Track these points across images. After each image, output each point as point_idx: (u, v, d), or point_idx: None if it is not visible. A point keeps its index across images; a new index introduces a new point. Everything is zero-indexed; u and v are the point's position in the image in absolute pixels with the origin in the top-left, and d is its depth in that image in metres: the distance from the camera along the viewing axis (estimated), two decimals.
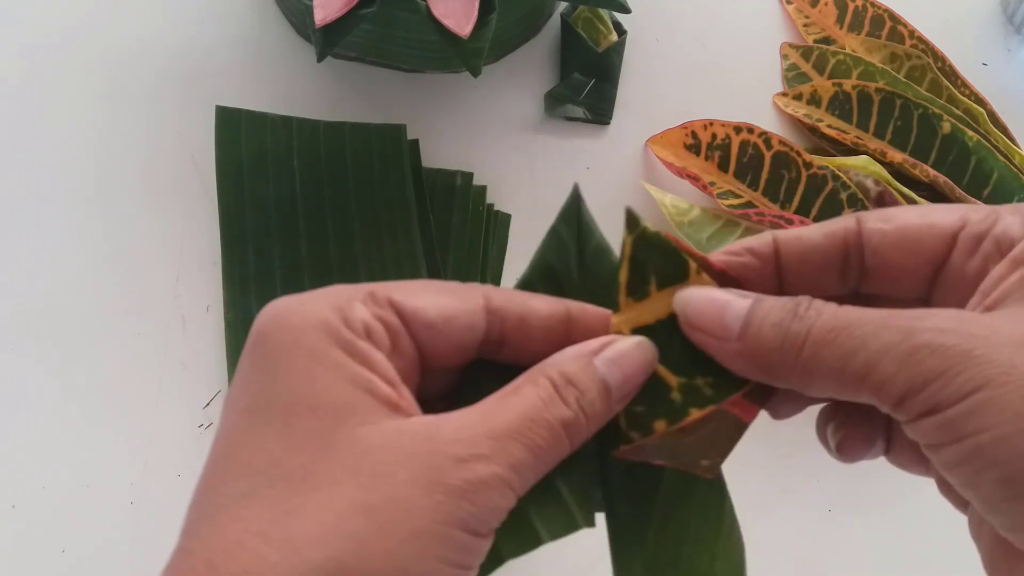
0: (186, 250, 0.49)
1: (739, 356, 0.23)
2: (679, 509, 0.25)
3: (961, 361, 0.20)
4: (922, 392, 0.20)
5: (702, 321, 0.23)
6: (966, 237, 0.23)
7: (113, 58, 0.54)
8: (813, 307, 0.22)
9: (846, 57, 0.56)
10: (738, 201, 0.51)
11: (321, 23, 0.44)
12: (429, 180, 0.51)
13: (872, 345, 0.21)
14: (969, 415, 0.20)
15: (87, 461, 0.44)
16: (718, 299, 0.23)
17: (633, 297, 0.24)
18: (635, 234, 0.24)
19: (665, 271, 0.24)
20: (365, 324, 0.22)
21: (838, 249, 0.24)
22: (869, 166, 0.50)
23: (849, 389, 0.21)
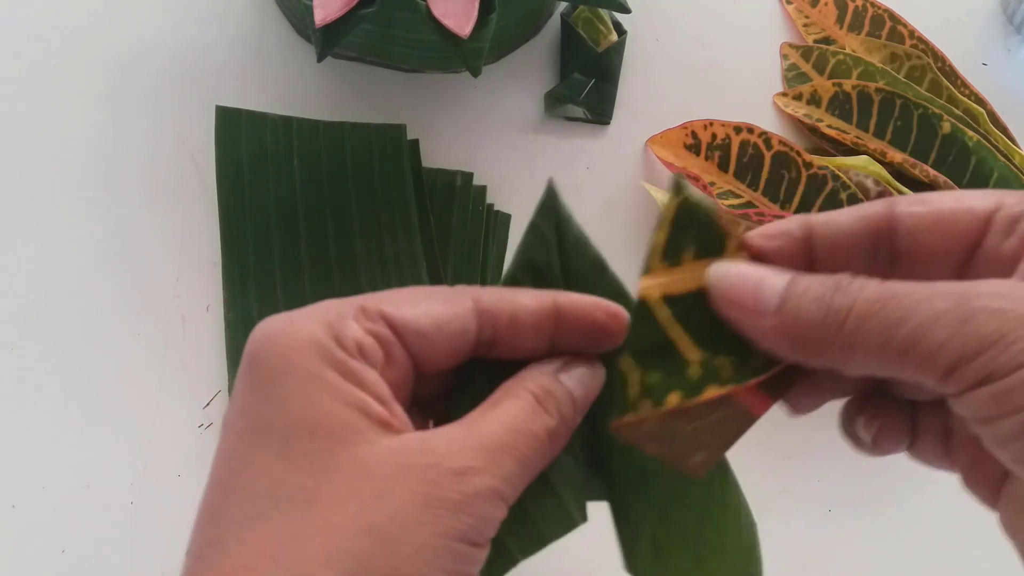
0: (186, 250, 0.49)
1: (775, 332, 0.22)
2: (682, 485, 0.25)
3: (1020, 326, 0.19)
4: (976, 360, 0.19)
5: (737, 295, 0.23)
6: (1002, 219, 0.22)
7: (113, 58, 0.54)
8: (857, 281, 0.21)
9: (846, 57, 0.56)
10: (738, 201, 0.51)
11: (321, 23, 0.44)
12: (429, 180, 0.51)
13: (921, 313, 0.20)
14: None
15: (87, 461, 0.44)
16: (754, 274, 0.23)
17: (667, 262, 0.24)
18: (680, 198, 0.24)
19: (703, 242, 0.24)
20: (357, 341, 0.22)
21: (870, 233, 0.24)
22: (869, 166, 0.50)
23: (894, 362, 0.20)
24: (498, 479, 0.21)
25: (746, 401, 0.23)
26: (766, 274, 0.23)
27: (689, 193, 0.24)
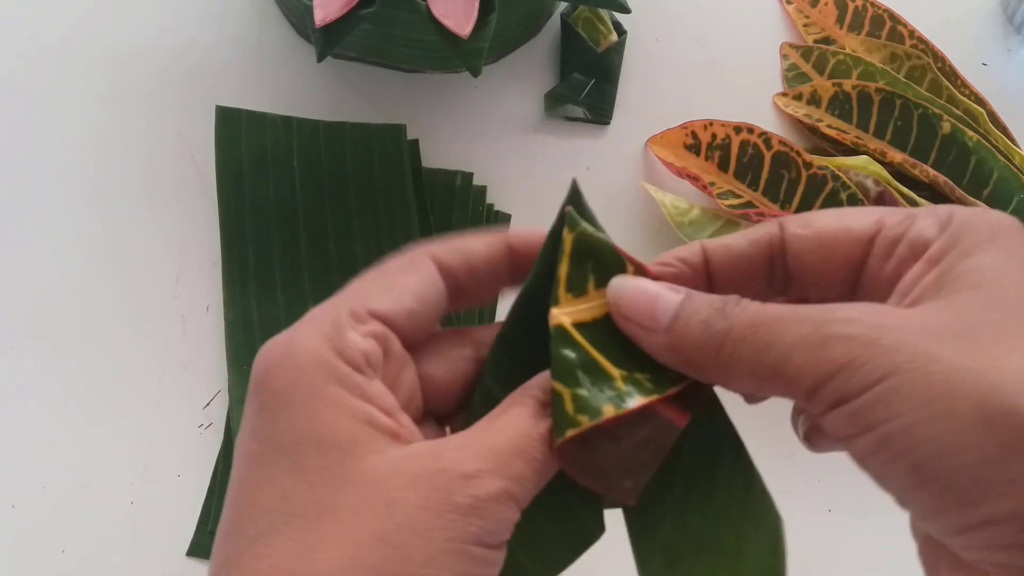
0: (186, 250, 0.49)
1: (666, 349, 0.23)
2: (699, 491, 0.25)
3: (868, 350, 0.20)
4: (830, 383, 0.20)
5: (633, 312, 0.24)
6: (882, 241, 0.23)
7: (113, 58, 0.54)
8: (739, 305, 0.22)
9: (846, 57, 0.56)
10: (738, 201, 0.51)
11: (321, 23, 0.44)
12: (429, 180, 0.51)
13: (786, 339, 0.21)
14: (876, 404, 0.19)
15: (87, 461, 0.44)
16: (650, 291, 0.24)
17: (572, 293, 0.24)
18: (575, 232, 0.24)
19: (604, 270, 0.25)
20: (361, 351, 0.22)
21: (764, 255, 0.24)
22: (869, 166, 0.50)
23: (765, 383, 0.21)
24: (508, 480, 0.21)
25: (668, 413, 0.24)
26: (662, 291, 0.23)
27: (583, 226, 0.24)
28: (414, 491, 0.20)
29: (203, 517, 0.43)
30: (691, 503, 0.25)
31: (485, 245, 0.25)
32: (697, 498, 0.25)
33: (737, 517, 0.25)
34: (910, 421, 0.19)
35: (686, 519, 0.25)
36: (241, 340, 0.46)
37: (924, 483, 0.19)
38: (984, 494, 0.19)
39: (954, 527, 0.20)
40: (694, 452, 0.25)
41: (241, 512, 0.21)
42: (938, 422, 0.19)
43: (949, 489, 0.19)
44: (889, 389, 0.19)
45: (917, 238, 0.22)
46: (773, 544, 0.25)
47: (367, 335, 0.23)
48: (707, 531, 0.24)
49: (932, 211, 0.23)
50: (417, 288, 0.24)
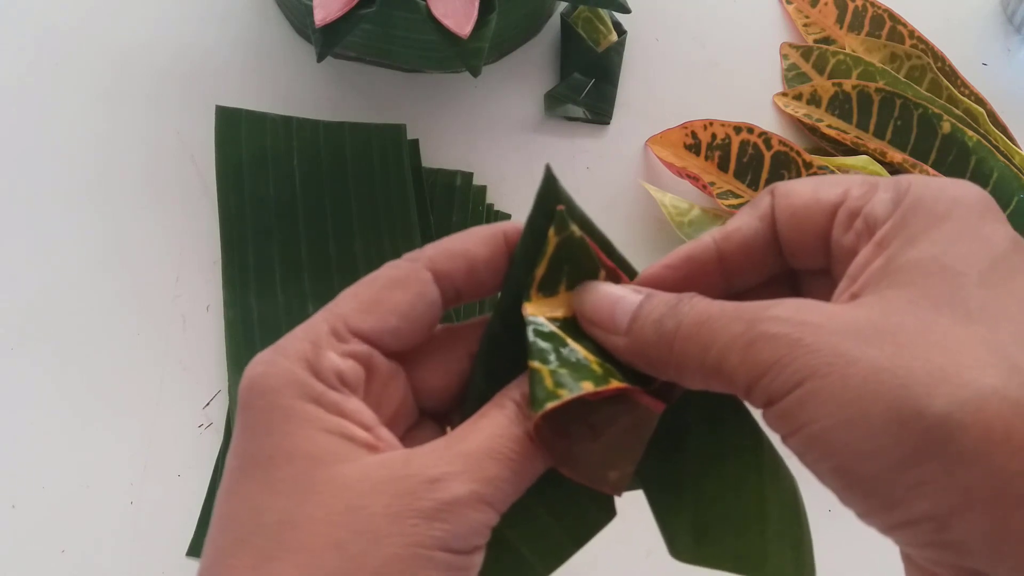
0: (186, 250, 0.49)
1: (627, 350, 0.23)
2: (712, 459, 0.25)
3: (791, 351, 0.20)
4: (759, 383, 0.20)
5: (595, 316, 0.24)
6: (843, 212, 0.23)
7: (113, 58, 0.55)
8: (689, 303, 0.22)
9: (846, 57, 0.56)
10: (738, 201, 0.51)
11: (321, 23, 0.44)
12: (429, 180, 0.51)
13: (722, 338, 0.21)
14: (799, 406, 0.20)
15: (87, 461, 0.44)
16: (612, 295, 0.24)
17: (543, 293, 0.25)
18: (562, 236, 0.25)
19: (576, 275, 0.25)
20: (336, 371, 0.22)
21: (771, 229, 0.24)
22: (869, 166, 0.50)
23: (712, 381, 0.22)
24: (479, 483, 0.21)
25: (644, 401, 0.24)
26: (623, 294, 0.24)
27: (571, 230, 0.25)
28: (377, 497, 0.20)
29: (203, 517, 0.43)
30: (707, 473, 0.25)
31: (484, 246, 0.25)
32: (712, 468, 0.25)
33: (755, 481, 0.24)
34: (829, 425, 0.19)
35: (705, 490, 0.24)
36: (241, 340, 0.46)
37: (848, 485, 0.20)
38: (901, 496, 0.19)
39: (883, 526, 0.20)
40: (699, 421, 0.25)
41: (219, 524, 0.21)
42: (854, 426, 0.19)
43: (871, 492, 0.19)
44: (809, 392, 0.19)
45: (872, 213, 0.22)
46: (793, 504, 0.24)
47: (346, 355, 0.23)
48: (728, 499, 0.24)
49: (892, 183, 0.22)
50: (404, 305, 0.24)
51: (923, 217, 0.21)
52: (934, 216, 0.21)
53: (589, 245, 0.25)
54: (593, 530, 0.25)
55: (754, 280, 0.25)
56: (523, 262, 0.25)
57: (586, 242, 0.25)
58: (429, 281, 0.24)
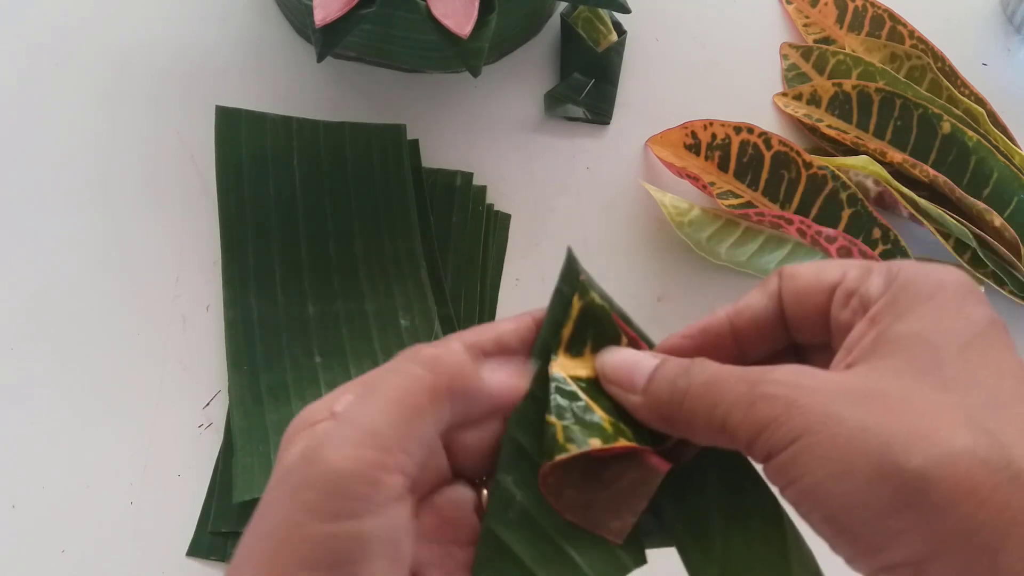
0: (186, 250, 0.49)
1: (643, 407, 0.26)
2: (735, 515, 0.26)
3: (787, 410, 0.22)
4: (759, 438, 0.22)
5: (616, 376, 0.27)
6: (841, 291, 0.25)
7: (113, 58, 0.55)
8: (700, 366, 0.25)
9: (846, 57, 0.56)
10: (738, 201, 0.51)
11: (321, 23, 0.44)
12: (429, 180, 0.51)
13: (728, 397, 0.23)
14: (793, 461, 0.22)
15: (87, 461, 0.44)
16: (631, 358, 0.27)
17: (571, 353, 0.28)
18: (584, 301, 0.28)
19: (601, 339, 0.28)
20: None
21: (779, 307, 0.26)
22: (869, 166, 0.50)
23: (717, 437, 0.24)
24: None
25: (651, 460, 0.26)
26: (641, 358, 0.26)
27: (592, 296, 0.28)
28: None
29: (203, 517, 0.43)
30: (732, 528, 0.26)
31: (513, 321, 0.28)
32: (736, 522, 0.26)
33: (779, 541, 0.26)
34: (820, 477, 0.21)
35: (734, 544, 0.26)
36: (241, 340, 0.46)
37: (837, 533, 0.22)
38: (882, 543, 0.21)
39: (867, 571, 0.22)
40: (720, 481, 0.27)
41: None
42: (842, 479, 0.21)
43: (856, 538, 0.21)
44: (802, 448, 0.22)
45: (866, 293, 0.24)
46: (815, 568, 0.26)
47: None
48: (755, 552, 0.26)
49: (886, 267, 0.25)
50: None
51: (911, 297, 0.23)
52: (920, 296, 0.23)
53: (610, 313, 0.28)
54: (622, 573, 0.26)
55: (764, 351, 0.27)
56: (551, 326, 0.28)
57: (606, 309, 0.28)
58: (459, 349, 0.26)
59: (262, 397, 0.44)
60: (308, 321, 0.46)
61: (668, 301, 0.50)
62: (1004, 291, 0.49)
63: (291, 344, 0.45)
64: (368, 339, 0.46)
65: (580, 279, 0.28)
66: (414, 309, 0.47)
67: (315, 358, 0.45)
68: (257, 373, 0.45)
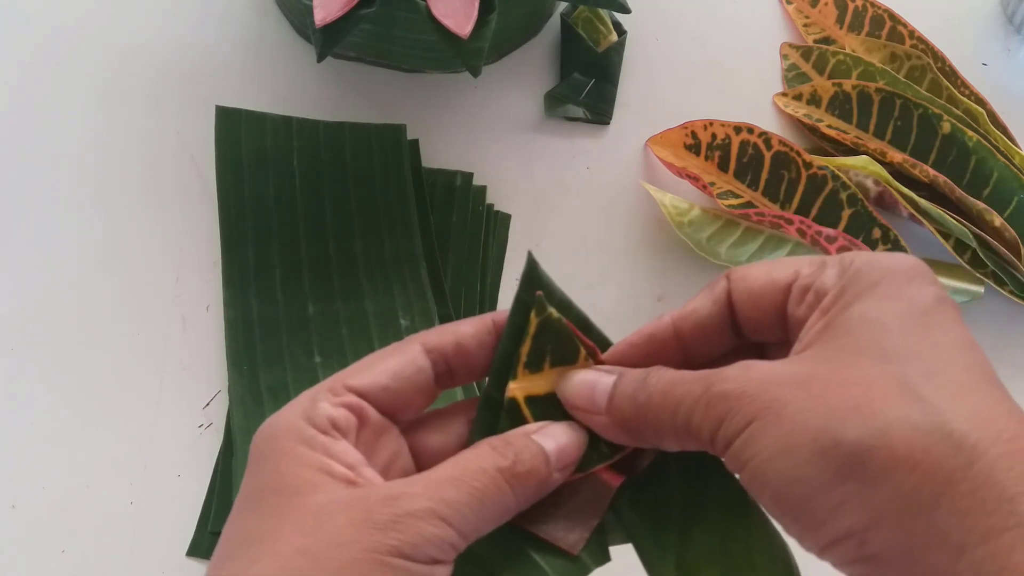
0: (186, 250, 0.49)
1: (609, 427, 0.27)
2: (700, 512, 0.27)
3: (738, 402, 0.23)
4: (719, 432, 0.24)
5: (578, 401, 0.27)
6: (796, 288, 0.26)
7: (113, 58, 0.55)
8: (656, 375, 0.26)
9: (846, 57, 0.56)
10: (738, 201, 0.51)
11: (321, 23, 0.44)
12: (429, 180, 0.51)
13: (686, 401, 0.24)
14: (745, 445, 0.23)
15: (87, 461, 0.44)
16: (588, 380, 0.27)
17: (529, 369, 0.28)
18: (541, 317, 0.28)
19: (559, 353, 0.28)
20: (329, 417, 0.25)
21: (725, 311, 0.27)
22: (869, 166, 0.50)
23: (686, 440, 0.25)
24: (435, 502, 0.23)
25: (605, 476, 0.27)
26: (598, 378, 0.27)
27: (550, 311, 0.28)
28: (342, 513, 0.23)
29: (203, 517, 0.43)
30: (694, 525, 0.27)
31: (472, 327, 0.28)
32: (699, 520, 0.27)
33: (742, 532, 0.26)
34: (766, 457, 0.22)
35: (693, 539, 0.26)
36: (241, 340, 0.46)
37: (783, 511, 0.23)
38: (824, 517, 0.22)
39: (815, 547, 0.23)
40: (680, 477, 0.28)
41: (218, 549, 0.25)
42: (785, 456, 0.22)
43: (801, 514, 0.22)
44: (753, 432, 0.23)
45: (820, 287, 0.25)
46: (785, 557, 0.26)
47: (338, 405, 0.26)
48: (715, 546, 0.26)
49: (839, 259, 0.25)
50: (395, 367, 0.27)
51: (859, 284, 0.24)
52: (868, 282, 0.24)
53: (567, 326, 0.28)
54: (583, 572, 0.27)
55: (711, 354, 0.28)
56: (512, 334, 0.28)
57: (564, 323, 0.28)
58: (419, 351, 0.27)
59: (262, 397, 0.44)
60: (308, 321, 0.46)
61: (668, 301, 0.50)
62: (1004, 291, 0.49)
63: (291, 344, 0.46)
64: (368, 339, 0.46)
65: (537, 293, 0.28)
66: (414, 309, 0.47)
67: (315, 358, 0.45)
68: (257, 373, 0.45)
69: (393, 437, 0.27)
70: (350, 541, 0.23)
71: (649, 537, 0.27)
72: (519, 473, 0.25)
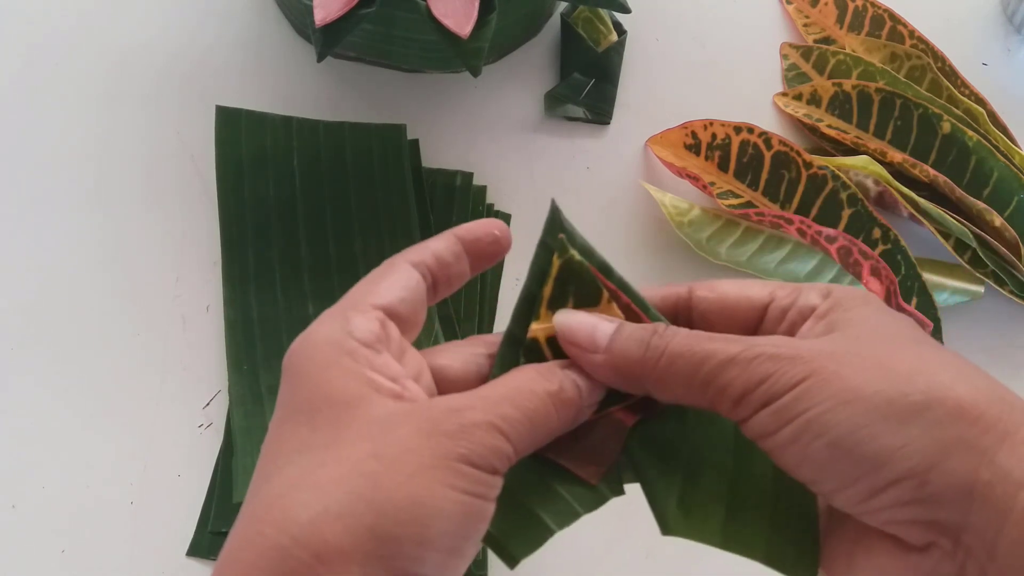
0: (186, 250, 0.49)
1: (603, 366, 0.27)
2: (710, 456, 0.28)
3: (789, 361, 0.25)
4: (758, 389, 0.25)
5: (575, 337, 0.28)
6: (774, 309, 0.28)
7: (113, 58, 0.55)
8: (672, 330, 0.27)
9: (846, 57, 0.56)
10: (738, 201, 0.51)
11: (321, 23, 0.44)
12: (429, 180, 0.51)
13: (719, 356, 0.25)
14: (798, 399, 0.24)
15: (87, 461, 0.44)
16: (589, 320, 0.28)
17: (552, 311, 0.29)
18: (563, 259, 0.29)
19: (581, 295, 0.29)
20: (367, 330, 0.26)
21: (670, 308, 0.30)
22: (869, 166, 0.50)
23: (697, 393, 0.26)
24: (494, 416, 0.25)
25: (620, 415, 0.29)
26: (599, 321, 0.28)
27: (572, 253, 0.29)
28: (407, 423, 0.24)
29: (203, 517, 0.43)
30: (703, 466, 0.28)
31: (441, 241, 0.29)
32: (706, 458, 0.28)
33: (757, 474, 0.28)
34: (826, 408, 0.24)
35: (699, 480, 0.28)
36: (241, 340, 0.46)
37: (840, 456, 0.24)
38: (888, 457, 0.23)
39: (866, 492, 0.24)
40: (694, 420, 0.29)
41: (265, 460, 0.25)
42: (851, 405, 0.24)
43: (861, 457, 0.23)
44: (807, 388, 0.24)
45: (805, 305, 0.27)
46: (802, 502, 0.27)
47: (371, 319, 0.27)
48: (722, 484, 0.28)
49: (815, 286, 0.28)
50: (401, 281, 0.28)
51: (849, 300, 0.27)
52: (858, 301, 0.27)
53: (589, 268, 0.29)
54: (600, 501, 0.28)
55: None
56: (535, 277, 0.29)
57: (586, 266, 0.29)
58: (409, 267, 0.28)
59: (262, 397, 0.44)
60: (308, 321, 0.46)
61: None
62: (1004, 291, 0.49)
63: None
64: None
65: (559, 236, 0.29)
66: None
67: None
68: (257, 373, 0.45)
69: (413, 355, 0.28)
70: (420, 447, 0.24)
71: (656, 475, 0.28)
72: (564, 399, 0.27)
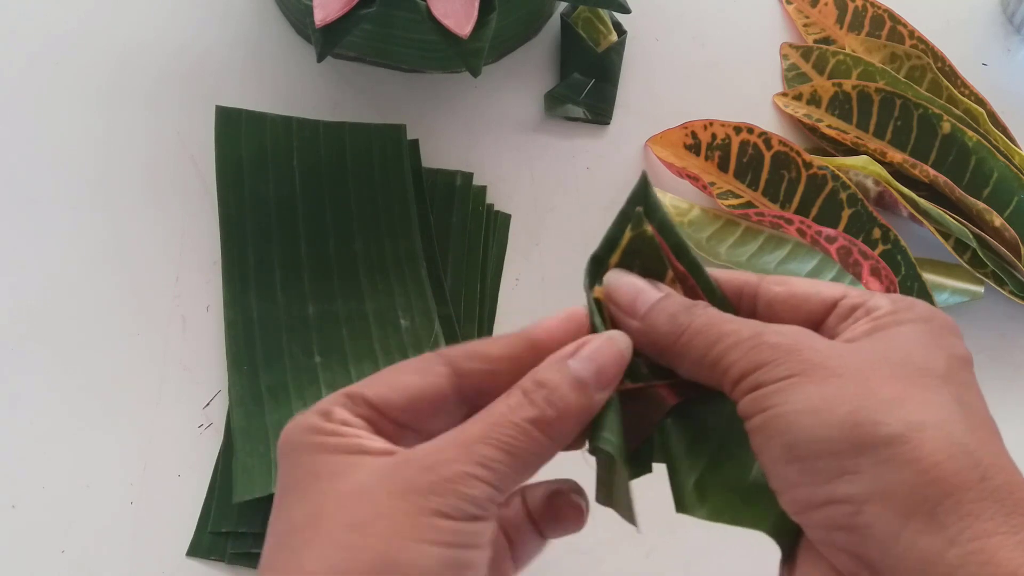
0: (186, 250, 0.49)
1: (639, 332, 0.28)
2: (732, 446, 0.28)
3: (786, 354, 0.25)
4: (752, 374, 0.25)
5: (618, 298, 0.29)
6: (844, 305, 0.28)
7: (113, 58, 0.55)
8: (702, 308, 0.28)
9: (846, 57, 0.56)
10: (738, 201, 0.51)
11: (321, 23, 0.44)
12: (429, 180, 0.51)
13: (728, 340, 0.26)
14: (778, 392, 0.25)
15: (87, 461, 0.44)
16: (637, 284, 0.29)
17: None
18: (635, 232, 0.29)
19: (647, 269, 0.30)
20: (342, 419, 0.26)
21: (735, 292, 0.30)
22: (869, 166, 0.50)
23: (705, 371, 0.27)
24: (468, 465, 0.24)
25: (662, 392, 0.29)
26: (646, 287, 0.29)
27: (645, 227, 0.29)
28: (381, 485, 0.24)
29: (203, 517, 0.43)
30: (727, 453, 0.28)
31: (501, 348, 0.28)
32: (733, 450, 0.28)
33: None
34: (796, 409, 0.24)
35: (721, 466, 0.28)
36: (241, 340, 0.46)
37: (791, 459, 0.24)
38: (833, 476, 0.23)
39: (805, 502, 0.24)
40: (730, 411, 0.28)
41: (267, 546, 0.26)
42: (816, 414, 0.24)
43: (809, 467, 0.24)
44: (790, 384, 0.25)
45: (874, 304, 0.27)
46: None
47: (354, 413, 0.26)
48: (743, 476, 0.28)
49: (890, 296, 0.28)
50: (413, 387, 0.27)
51: (911, 313, 0.27)
52: (919, 316, 0.27)
53: (660, 245, 0.29)
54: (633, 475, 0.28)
55: None
56: (608, 243, 0.30)
57: (656, 242, 0.29)
58: (443, 374, 0.27)
59: (262, 397, 0.44)
60: (308, 321, 0.46)
61: None
62: (1004, 291, 0.49)
63: (291, 344, 0.46)
64: (368, 339, 0.46)
65: (637, 209, 0.29)
66: (414, 309, 0.47)
67: (315, 358, 0.45)
68: (257, 373, 0.45)
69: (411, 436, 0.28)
70: (393, 510, 0.24)
71: (682, 453, 0.28)
72: (551, 419, 0.26)
